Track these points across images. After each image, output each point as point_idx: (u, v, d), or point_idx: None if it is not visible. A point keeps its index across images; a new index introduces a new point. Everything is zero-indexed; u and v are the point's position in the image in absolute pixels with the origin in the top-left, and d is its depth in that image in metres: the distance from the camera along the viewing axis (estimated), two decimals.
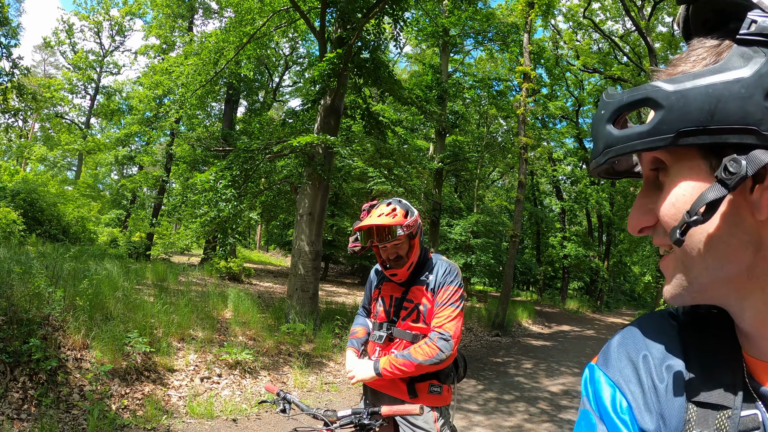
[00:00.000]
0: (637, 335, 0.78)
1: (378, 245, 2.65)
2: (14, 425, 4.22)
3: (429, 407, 2.59)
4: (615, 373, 0.76)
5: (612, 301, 33.36)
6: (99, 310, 6.15)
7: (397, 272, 2.67)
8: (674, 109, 0.59)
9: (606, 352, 0.80)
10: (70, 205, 20.27)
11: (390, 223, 2.60)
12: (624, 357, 0.77)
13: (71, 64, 29.39)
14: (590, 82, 29.20)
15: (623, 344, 0.79)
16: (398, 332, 2.66)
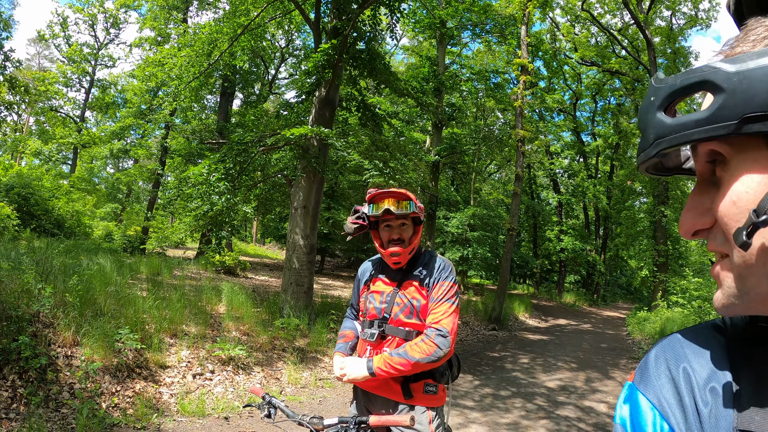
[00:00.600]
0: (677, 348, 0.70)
1: (393, 215, 2.54)
2: (2, 425, 4.12)
3: (424, 407, 2.51)
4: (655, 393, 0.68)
5: (609, 295, 33.45)
6: (90, 306, 6.04)
7: (400, 252, 2.55)
8: (737, 93, 0.51)
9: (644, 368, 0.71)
10: (63, 199, 20.11)
11: (408, 194, 2.56)
12: (663, 374, 0.68)
13: (66, 57, 29.20)
14: (588, 75, 29.14)
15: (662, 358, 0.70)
16: (390, 329, 2.55)
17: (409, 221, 2.61)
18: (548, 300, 26.62)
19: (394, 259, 2.58)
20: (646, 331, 15.32)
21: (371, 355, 2.58)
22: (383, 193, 2.57)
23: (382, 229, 2.62)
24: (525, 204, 27.22)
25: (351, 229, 2.68)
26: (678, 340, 0.71)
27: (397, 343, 2.52)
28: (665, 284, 18.43)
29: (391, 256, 2.57)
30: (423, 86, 16.90)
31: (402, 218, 2.59)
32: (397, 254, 2.55)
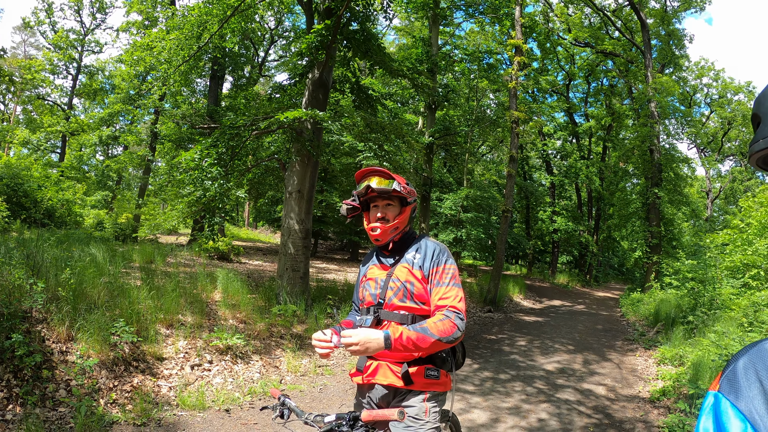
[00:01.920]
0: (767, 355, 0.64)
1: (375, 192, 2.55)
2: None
3: (420, 392, 2.49)
4: (746, 403, 0.63)
5: (601, 276, 33.68)
6: (83, 299, 5.90)
7: (379, 227, 2.54)
8: None
9: (732, 377, 0.66)
10: (53, 188, 19.84)
11: (389, 173, 2.56)
12: (755, 384, 0.63)
13: (52, 44, 28.65)
14: (581, 56, 29.01)
15: (752, 368, 0.65)
16: (385, 314, 2.52)
17: (395, 202, 2.61)
18: (542, 281, 26.73)
19: (374, 235, 2.58)
20: (640, 312, 15.39)
21: None
22: (366, 170, 2.58)
23: (371, 210, 2.63)
24: (518, 185, 27.20)
25: (344, 211, 2.68)
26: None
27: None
28: (658, 266, 18.49)
29: (371, 231, 2.57)
30: (416, 67, 16.70)
31: (385, 196, 2.59)
32: (376, 230, 2.55)
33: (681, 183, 23.21)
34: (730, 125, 32.54)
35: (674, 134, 30.66)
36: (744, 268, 11.60)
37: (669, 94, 21.98)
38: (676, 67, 26.81)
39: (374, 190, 2.53)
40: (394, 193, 2.56)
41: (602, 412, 6.35)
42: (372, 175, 2.56)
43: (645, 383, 7.95)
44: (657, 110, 21.10)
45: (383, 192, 2.55)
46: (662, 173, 20.79)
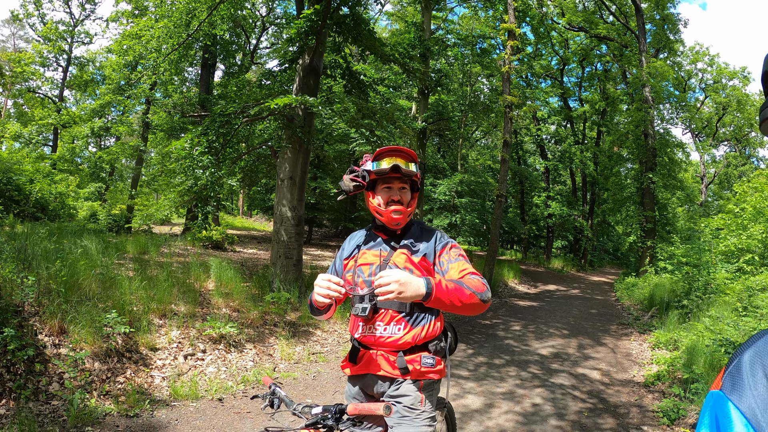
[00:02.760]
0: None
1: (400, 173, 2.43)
2: None
3: (411, 380, 2.44)
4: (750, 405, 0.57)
5: (596, 260, 33.80)
6: (75, 291, 5.85)
7: (402, 210, 2.45)
8: None
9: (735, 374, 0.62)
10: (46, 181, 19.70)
11: (415, 155, 2.46)
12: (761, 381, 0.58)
13: (41, 37, 28.25)
14: (575, 41, 28.86)
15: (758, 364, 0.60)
16: (382, 302, 2.43)
17: (408, 186, 2.52)
18: (536, 265, 26.80)
19: (396, 218, 2.46)
20: (635, 296, 15.45)
21: (363, 330, 2.49)
22: (390, 149, 2.46)
23: (380, 190, 2.51)
24: (512, 170, 27.18)
25: (350, 187, 2.53)
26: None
27: (391, 317, 2.43)
28: (653, 250, 18.54)
29: (394, 214, 2.45)
30: (409, 52, 16.59)
31: (406, 179, 2.50)
32: (399, 213, 2.45)
33: (675, 168, 23.21)
34: (724, 110, 32.48)
35: (669, 119, 30.61)
36: (738, 252, 11.65)
37: (663, 79, 21.94)
38: (670, 52, 26.71)
39: (403, 172, 2.43)
40: (415, 177, 2.50)
41: (597, 397, 6.37)
42: (396, 155, 2.45)
43: (639, 367, 7.98)
44: (651, 95, 21.05)
45: (409, 175, 2.47)
46: (657, 158, 20.79)
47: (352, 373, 2.60)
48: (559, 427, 5.24)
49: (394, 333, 2.43)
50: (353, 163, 23.59)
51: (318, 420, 2.08)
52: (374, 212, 2.54)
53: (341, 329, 8.83)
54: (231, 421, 4.85)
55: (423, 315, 2.47)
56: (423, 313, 2.47)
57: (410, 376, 2.44)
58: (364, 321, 2.48)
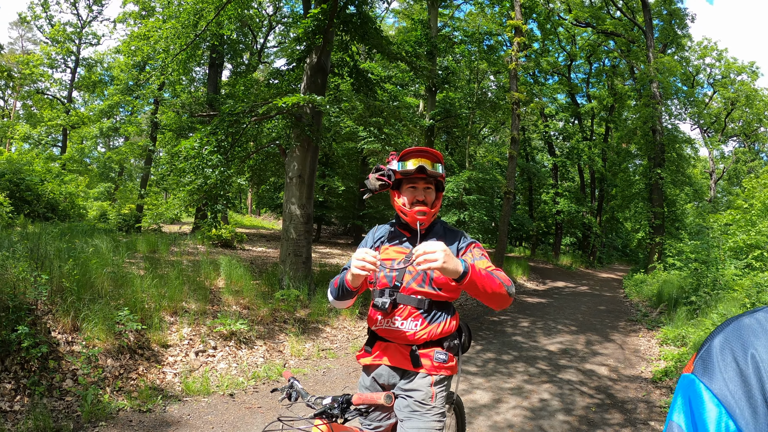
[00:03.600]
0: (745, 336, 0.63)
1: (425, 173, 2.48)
2: (8, 418, 4.07)
3: (425, 373, 2.51)
4: (721, 387, 0.61)
5: (605, 257, 33.65)
6: (87, 289, 5.95)
7: (426, 211, 2.50)
8: None
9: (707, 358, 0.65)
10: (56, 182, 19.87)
11: (440, 155, 2.52)
12: (731, 366, 0.62)
13: (49, 38, 28.45)
14: (582, 37, 28.71)
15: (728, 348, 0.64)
16: (402, 297, 2.51)
17: (433, 186, 2.58)
18: (545, 262, 26.76)
19: (421, 218, 2.51)
20: (644, 293, 15.42)
21: (382, 323, 2.57)
22: (416, 150, 2.51)
23: (405, 190, 2.57)
24: (520, 166, 27.11)
25: (375, 186, 2.58)
26: (746, 327, 0.65)
27: (409, 312, 2.50)
28: (662, 246, 18.48)
29: (418, 215, 2.50)
30: (416, 50, 16.62)
31: (431, 179, 2.55)
32: (424, 213, 2.50)
33: (684, 164, 23.11)
34: (733, 106, 32.21)
35: (677, 115, 30.38)
36: (747, 248, 11.59)
37: (671, 75, 21.82)
38: (678, 47, 26.55)
39: (428, 173, 2.48)
40: (440, 177, 2.54)
41: (604, 392, 6.39)
42: (422, 156, 2.51)
43: (647, 363, 7.99)
44: (659, 91, 20.95)
45: (434, 176, 2.52)
46: (665, 154, 20.70)
47: (367, 364, 2.68)
48: (566, 422, 5.27)
49: (411, 328, 2.50)
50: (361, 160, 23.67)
51: (326, 409, 2.17)
52: (399, 211, 2.61)
53: (350, 326, 8.89)
54: (242, 415, 4.92)
55: (440, 313, 2.54)
56: (440, 311, 2.54)
57: (422, 370, 2.50)
58: (383, 314, 2.54)
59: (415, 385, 2.51)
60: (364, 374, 2.73)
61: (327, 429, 2.16)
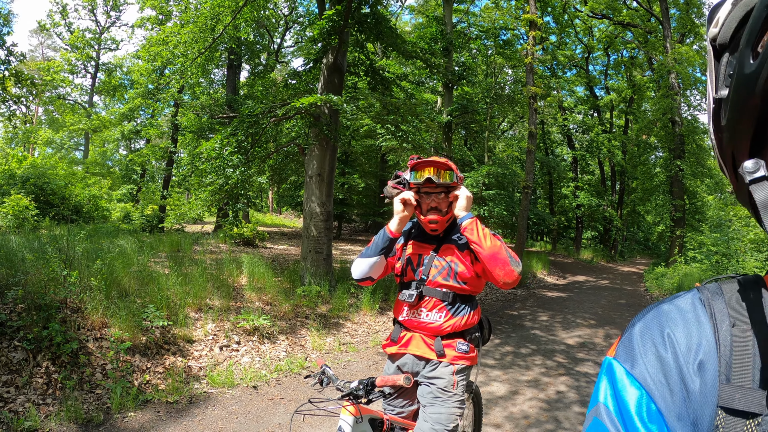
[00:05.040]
0: (663, 322, 0.70)
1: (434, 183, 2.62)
2: (40, 410, 4.28)
3: (447, 363, 2.65)
4: (641, 370, 0.67)
5: (626, 251, 33.30)
6: (115, 288, 6.18)
7: (438, 219, 2.67)
8: None
9: (628, 344, 0.71)
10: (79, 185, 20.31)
11: (450, 164, 2.65)
12: (651, 351, 0.68)
13: (69, 45, 29.07)
14: (600, 29, 28.41)
15: (648, 334, 0.70)
16: (428, 290, 2.67)
17: (446, 192, 2.70)
18: (566, 256, 26.64)
19: (432, 226, 2.69)
20: (664, 286, 15.32)
21: (408, 314, 2.73)
22: (426, 161, 2.64)
23: (420, 198, 2.71)
24: (539, 160, 27.00)
25: (391, 194, 2.78)
26: (665, 313, 0.71)
27: (434, 304, 2.66)
28: (682, 239, 18.32)
29: (430, 223, 2.68)
30: (431, 46, 16.66)
31: (442, 188, 2.67)
32: (435, 222, 2.67)
33: (704, 155, 22.80)
34: None
35: (696, 105, 29.93)
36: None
37: (690, 65, 21.52)
38: (696, 37, 26.12)
39: (435, 183, 2.62)
40: (452, 184, 2.66)
41: None
42: (430, 166, 2.63)
43: None
44: (677, 81, 20.71)
45: (443, 186, 2.66)
46: (685, 145, 20.48)
47: (392, 353, 2.84)
48: (582, 414, 5.35)
49: (436, 320, 2.67)
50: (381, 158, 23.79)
51: (352, 391, 2.36)
52: (417, 217, 2.79)
53: (371, 321, 9.04)
54: (265, 406, 5.10)
55: (463, 306, 2.70)
56: (463, 304, 2.70)
57: (445, 359, 2.66)
58: (410, 306, 2.72)
59: (438, 373, 2.66)
60: (389, 362, 2.89)
61: (354, 409, 2.35)
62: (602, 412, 0.68)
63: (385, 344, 2.91)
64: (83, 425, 4.28)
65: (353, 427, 2.34)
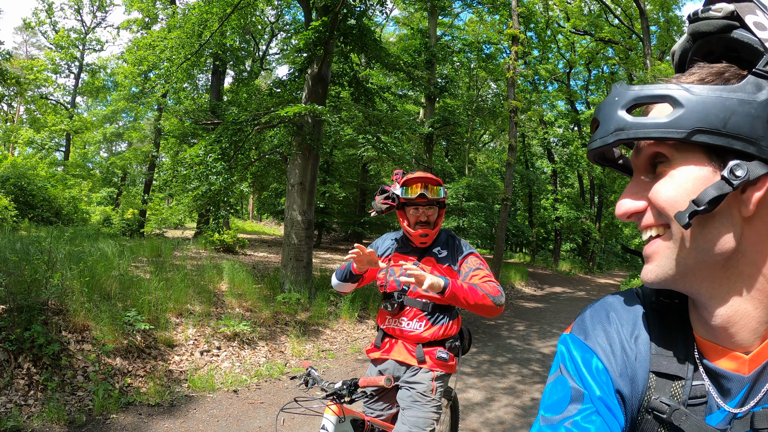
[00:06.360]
0: (608, 309, 0.90)
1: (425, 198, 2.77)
2: (22, 411, 4.32)
3: (428, 369, 2.79)
4: (591, 340, 0.87)
5: (604, 263, 33.77)
6: (97, 291, 6.21)
7: (428, 233, 2.81)
8: (694, 111, 0.70)
9: (581, 323, 0.91)
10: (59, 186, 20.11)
11: (440, 180, 2.82)
12: (599, 327, 0.88)
13: (53, 44, 28.75)
14: (581, 44, 28.92)
15: (596, 316, 0.90)
16: (409, 300, 2.82)
17: (436, 205, 2.87)
18: (544, 268, 26.93)
19: (422, 239, 2.83)
20: None
21: (389, 323, 2.88)
22: (417, 177, 2.80)
23: (409, 212, 2.86)
24: (519, 173, 27.29)
25: (381, 209, 2.92)
26: (609, 303, 0.91)
27: (414, 314, 2.81)
28: None
29: (420, 236, 2.82)
30: (415, 59, 16.88)
31: (432, 203, 2.83)
32: (426, 235, 2.82)
33: None
34: None
35: None
36: None
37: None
38: None
39: (428, 199, 2.78)
40: (441, 199, 2.83)
41: None
42: (423, 182, 2.80)
43: None
44: None
45: (434, 201, 2.82)
46: None
47: (375, 358, 2.99)
48: None
49: (416, 328, 2.83)
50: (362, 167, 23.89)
51: (336, 391, 2.49)
52: (404, 230, 2.92)
53: (350, 329, 9.13)
54: (246, 410, 5.18)
55: (442, 316, 2.85)
56: (443, 314, 2.85)
57: (425, 365, 2.80)
58: (391, 315, 2.87)
59: (418, 378, 2.80)
60: (371, 366, 3.03)
61: (338, 409, 2.48)
62: (563, 371, 0.87)
63: (368, 349, 3.05)
64: (66, 426, 4.32)
65: (336, 426, 2.46)
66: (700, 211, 0.70)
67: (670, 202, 0.74)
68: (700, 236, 0.73)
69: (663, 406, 0.78)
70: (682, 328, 0.84)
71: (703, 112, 0.69)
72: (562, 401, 0.83)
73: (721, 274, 0.75)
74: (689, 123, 0.70)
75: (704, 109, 0.69)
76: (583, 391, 0.82)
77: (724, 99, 0.69)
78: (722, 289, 0.75)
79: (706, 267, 0.75)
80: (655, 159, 0.78)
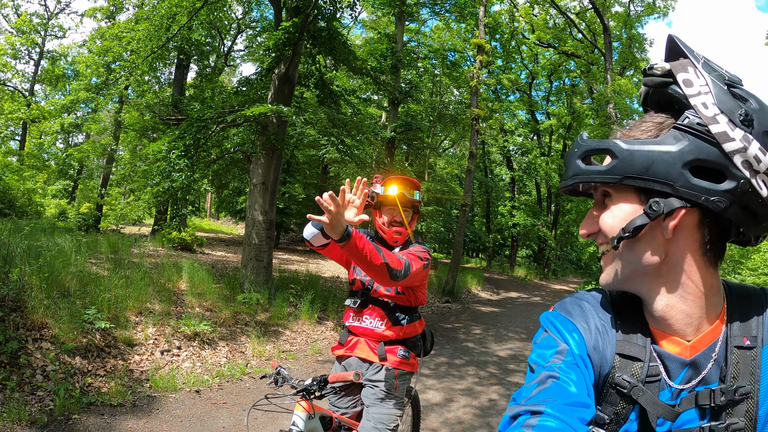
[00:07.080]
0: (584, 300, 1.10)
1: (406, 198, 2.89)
2: None
3: (391, 367, 2.91)
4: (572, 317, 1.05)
5: (559, 269, 34.55)
6: (55, 288, 6.10)
7: (402, 232, 2.95)
8: (625, 161, 0.91)
9: (561, 305, 1.10)
10: (14, 177, 19.45)
11: (418, 183, 2.97)
12: (577, 310, 1.07)
13: (14, 28, 27.74)
14: (545, 56, 29.56)
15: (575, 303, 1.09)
16: (371, 299, 2.95)
17: (410, 208, 3.01)
18: (500, 273, 27.41)
19: (396, 237, 2.96)
20: None
21: (354, 320, 3.01)
22: (398, 178, 2.92)
23: (384, 211, 2.98)
24: (479, 180, 27.72)
25: None
26: (584, 296, 1.11)
27: (377, 313, 2.94)
28: None
29: (395, 234, 2.95)
30: (381, 63, 17.00)
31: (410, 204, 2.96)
32: (400, 233, 2.96)
33: None
34: None
35: None
36: None
37: (628, 96, 22.71)
38: (636, 70, 27.57)
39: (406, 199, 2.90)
40: (417, 203, 2.97)
41: None
42: (401, 183, 2.92)
43: None
44: (615, 111, 21.78)
45: (411, 202, 2.95)
46: None
47: (339, 355, 3.09)
48: None
49: (377, 327, 2.95)
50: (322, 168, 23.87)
51: (306, 387, 2.58)
52: (379, 229, 3.03)
53: (310, 330, 9.17)
54: (209, 410, 5.18)
55: (404, 316, 2.99)
56: (404, 314, 2.99)
57: (387, 363, 2.91)
58: (354, 312, 3.00)
59: (380, 376, 2.93)
60: (336, 363, 3.14)
61: (308, 405, 2.57)
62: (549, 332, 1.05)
63: (333, 347, 3.16)
64: (28, 427, 4.24)
65: (306, 423, 2.56)
66: (625, 237, 0.94)
67: (609, 228, 0.98)
68: (632, 253, 0.96)
69: (624, 383, 0.97)
70: (641, 320, 1.03)
71: (630, 162, 0.90)
72: (549, 352, 1.01)
73: (656, 279, 0.96)
74: (621, 170, 0.91)
75: (632, 159, 0.90)
76: (567, 346, 1.00)
77: (648, 151, 0.90)
78: (658, 290, 0.97)
79: (641, 274, 0.97)
80: (604, 194, 1.01)
